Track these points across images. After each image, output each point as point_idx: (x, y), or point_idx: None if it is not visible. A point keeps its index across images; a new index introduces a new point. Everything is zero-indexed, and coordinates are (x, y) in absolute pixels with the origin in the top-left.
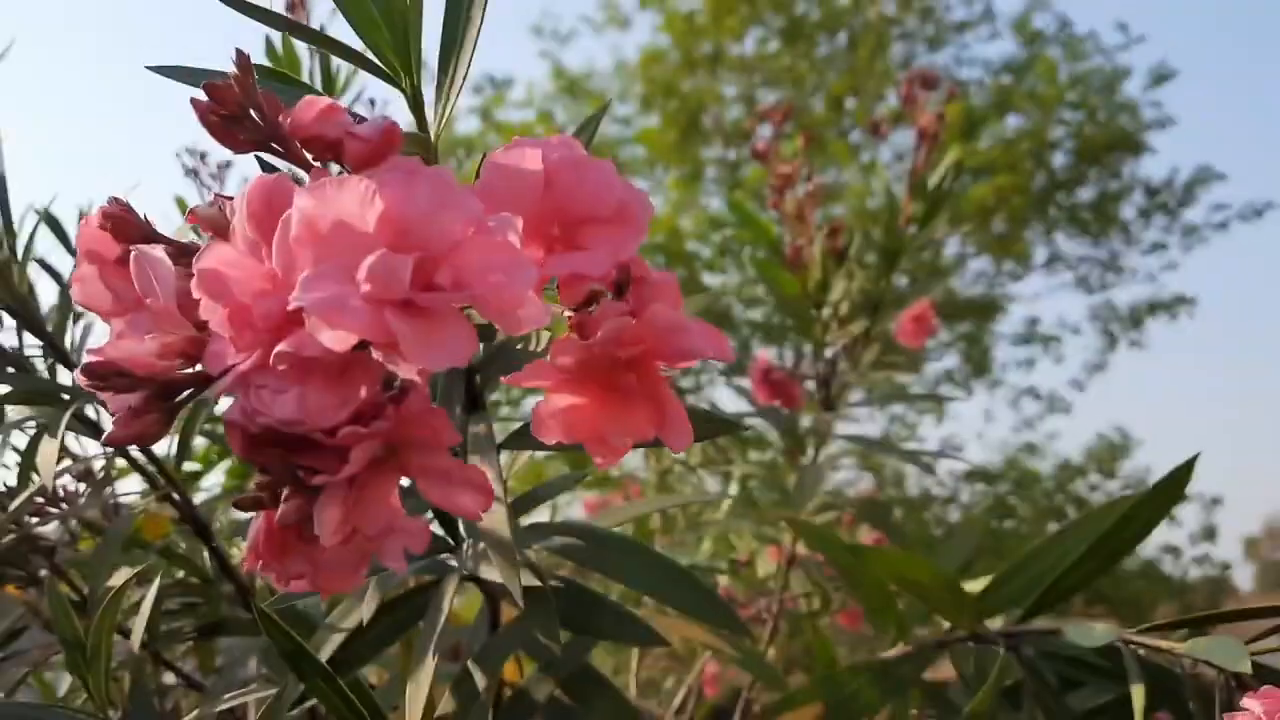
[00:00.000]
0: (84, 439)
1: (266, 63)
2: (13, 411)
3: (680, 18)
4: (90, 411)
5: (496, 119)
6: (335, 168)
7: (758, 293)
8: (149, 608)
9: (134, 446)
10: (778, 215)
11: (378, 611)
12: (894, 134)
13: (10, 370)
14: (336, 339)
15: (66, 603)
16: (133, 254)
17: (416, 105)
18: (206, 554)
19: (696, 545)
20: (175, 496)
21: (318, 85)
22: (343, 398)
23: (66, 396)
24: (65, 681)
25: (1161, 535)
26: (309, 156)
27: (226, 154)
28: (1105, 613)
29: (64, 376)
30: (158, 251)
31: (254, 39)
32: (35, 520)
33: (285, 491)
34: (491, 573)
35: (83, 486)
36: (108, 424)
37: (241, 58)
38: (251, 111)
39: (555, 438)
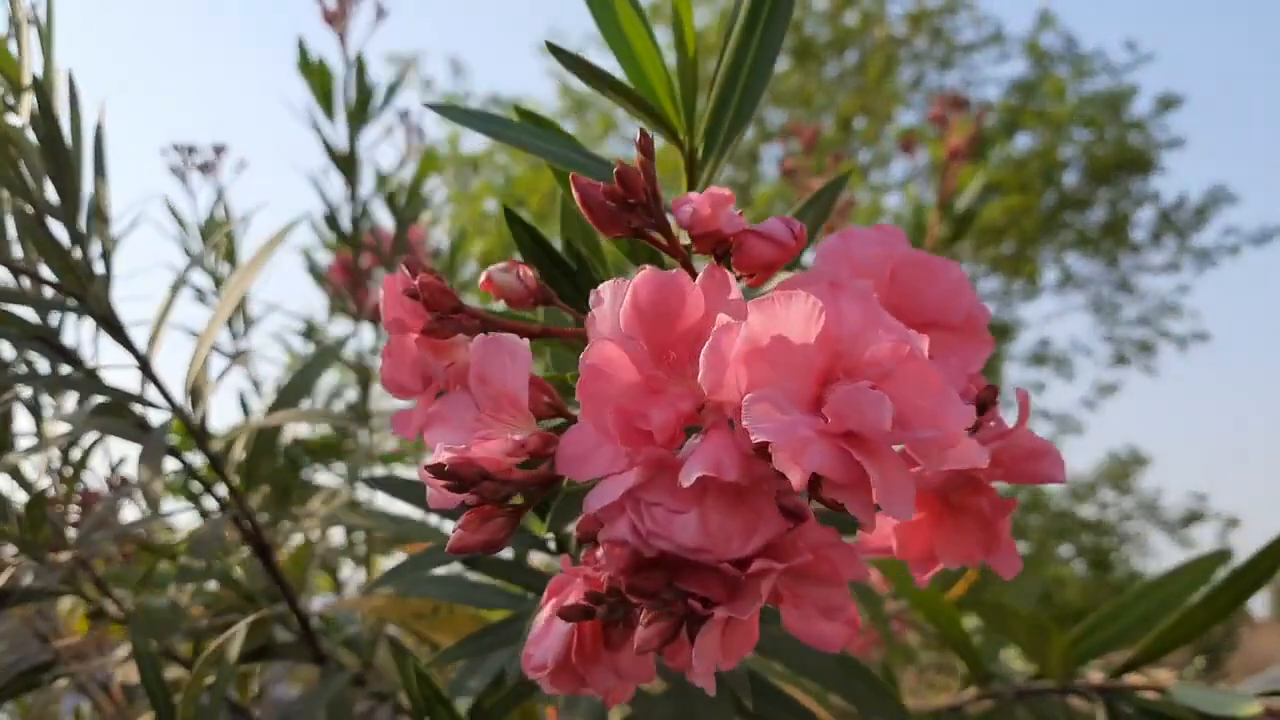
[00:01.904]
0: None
1: (298, 72)
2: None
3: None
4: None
5: None
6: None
7: None
8: (236, 651)
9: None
10: None
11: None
12: (898, 156)
13: (85, 380)
14: (799, 476)
15: (159, 671)
16: (483, 337)
17: (691, 163)
18: (260, 573)
19: None
20: (241, 518)
21: (351, 102)
22: (748, 524)
23: (148, 413)
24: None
25: (1177, 557)
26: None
27: (218, 141)
28: None
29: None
30: (520, 340)
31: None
32: (91, 538)
33: (649, 614)
34: None
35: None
36: (169, 440)
37: (645, 140)
38: (650, 200)
39: (882, 554)
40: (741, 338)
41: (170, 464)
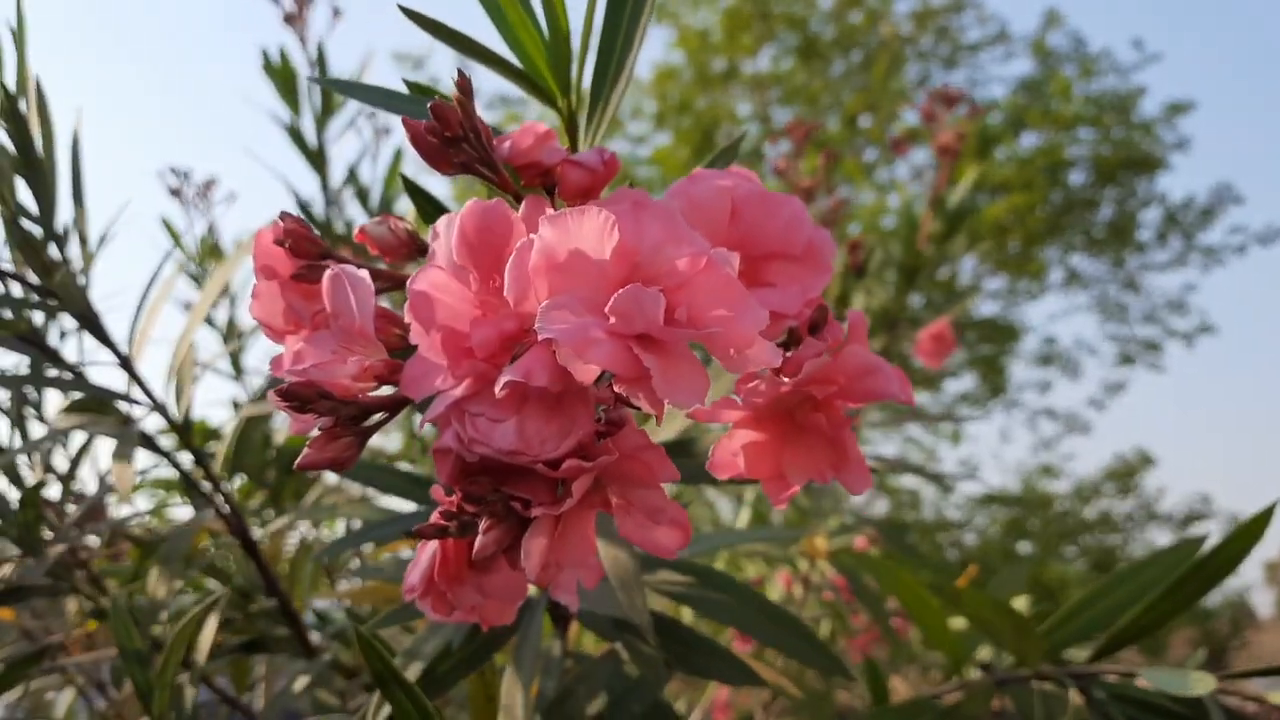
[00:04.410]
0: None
1: (264, 75)
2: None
3: (694, 34)
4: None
5: None
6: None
7: None
8: (213, 629)
9: (321, 469)
10: None
11: (464, 637)
12: (909, 152)
13: (69, 378)
14: (585, 371)
15: (130, 619)
16: (331, 272)
17: (572, 127)
18: (252, 568)
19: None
20: (223, 510)
21: (316, 103)
22: (563, 428)
23: (132, 410)
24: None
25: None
26: (498, 179)
27: (210, 172)
28: None
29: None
30: (360, 271)
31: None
32: (76, 532)
33: (485, 521)
34: (596, 603)
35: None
36: (161, 439)
37: (462, 80)
38: (470, 135)
39: (733, 474)
40: (536, 250)
41: (151, 460)
